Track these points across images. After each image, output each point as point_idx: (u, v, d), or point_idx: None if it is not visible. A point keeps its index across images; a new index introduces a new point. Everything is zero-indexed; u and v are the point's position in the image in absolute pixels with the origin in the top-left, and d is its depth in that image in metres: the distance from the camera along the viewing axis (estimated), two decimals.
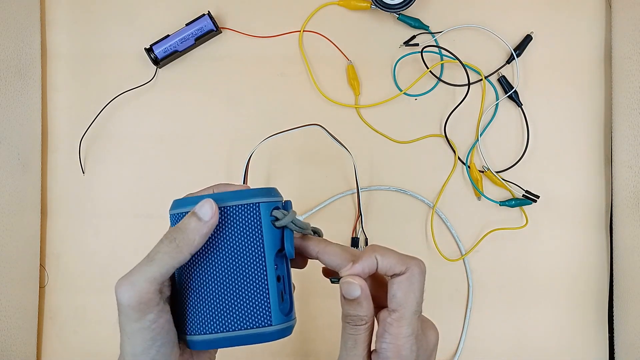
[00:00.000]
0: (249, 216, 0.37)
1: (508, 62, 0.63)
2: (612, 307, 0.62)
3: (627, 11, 0.58)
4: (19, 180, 0.59)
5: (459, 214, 0.63)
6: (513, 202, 0.62)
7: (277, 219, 0.37)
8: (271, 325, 0.36)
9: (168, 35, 0.62)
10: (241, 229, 0.37)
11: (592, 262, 0.63)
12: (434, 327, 0.39)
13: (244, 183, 0.60)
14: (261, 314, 0.36)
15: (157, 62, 0.63)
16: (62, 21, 0.65)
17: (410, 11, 0.62)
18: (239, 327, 0.36)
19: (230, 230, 0.37)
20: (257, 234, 0.37)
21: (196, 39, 0.62)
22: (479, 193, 0.62)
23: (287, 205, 0.39)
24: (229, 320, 0.36)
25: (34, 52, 0.62)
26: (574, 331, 0.63)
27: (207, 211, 0.35)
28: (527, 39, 0.63)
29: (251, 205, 0.37)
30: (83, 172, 0.64)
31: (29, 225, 0.61)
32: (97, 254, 0.64)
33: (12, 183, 0.58)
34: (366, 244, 0.62)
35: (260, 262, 0.36)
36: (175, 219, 0.38)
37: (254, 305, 0.36)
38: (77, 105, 0.65)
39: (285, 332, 0.37)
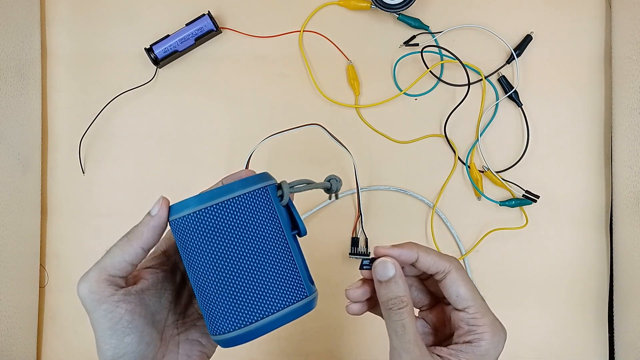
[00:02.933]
0: (262, 201, 0.37)
1: (508, 62, 0.63)
2: (612, 307, 0.62)
3: (627, 11, 0.58)
4: (19, 180, 0.59)
5: (459, 214, 0.63)
6: (513, 202, 0.62)
7: (282, 198, 0.38)
8: (307, 295, 0.37)
9: (168, 35, 0.62)
10: (258, 215, 0.37)
11: (592, 262, 0.63)
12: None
13: None
14: (297, 288, 0.37)
15: (157, 62, 0.63)
16: (62, 21, 0.65)
17: (410, 11, 0.62)
18: (277, 308, 0.36)
19: (247, 218, 0.36)
20: (273, 216, 0.37)
21: (196, 39, 0.62)
22: (479, 193, 0.62)
23: (282, 185, 0.40)
24: (265, 305, 0.36)
25: (34, 52, 0.62)
26: (574, 331, 0.63)
27: (155, 206, 0.37)
28: (527, 39, 0.63)
29: (261, 189, 0.37)
30: (83, 172, 0.64)
31: (29, 225, 0.61)
32: (97, 254, 0.64)
33: (12, 183, 0.58)
34: (366, 244, 0.62)
35: (283, 240, 0.37)
36: (172, 225, 0.37)
37: (288, 283, 0.37)
38: (77, 105, 0.65)
39: (315, 301, 0.38)
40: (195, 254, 0.36)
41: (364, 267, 0.40)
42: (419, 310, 0.43)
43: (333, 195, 0.42)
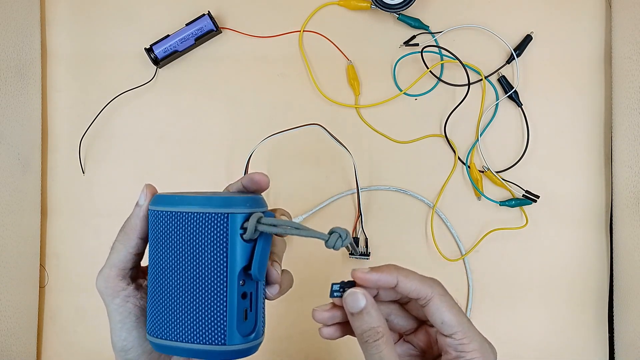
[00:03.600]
0: (214, 227, 0.34)
1: (508, 62, 0.63)
2: (612, 307, 0.62)
3: (627, 11, 0.58)
4: (19, 180, 0.59)
5: (459, 214, 0.63)
6: (513, 202, 0.62)
7: (244, 232, 0.34)
8: (224, 344, 0.34)
9: (168, 35, 0.62)
10: (205, 240, 0.34)
11: (592, 262, 0.63)
12: None
13: None
14: (215, 331, 0.34)
15: (157, 62, 0.63)
16: (62, 21, 0.65)
17: (410, 11, 0.62)
18: (192, 339, 0.34)
19: (194, 239, 0.34)
20: (221, 248, 0.34)
21: (196, 39, 0.62)
22: (479, 193, 0.62)
23: (266, 215, 0.36)
24: (183, 331, 0.35)
25: (34, 52, 0.62)
26: (574, 331, 0.63)
27: (141, 195, 0.38)
28: (527, 39, 0.63)
29: (219, 215, 0.34)
30: (83, 172, 0.64)
31: (29, 225, 0.61)
32: (97, 254, 0.64)
33: (12, 183, 0.58)
34: (366, 244, 0.62)
35: (221, 277, 0.34)
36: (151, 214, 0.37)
37: (209, 322, 0.34)
38: (77, 105, 0.65)
39: (242, 353, 0.35)
40: (150, 248, 0.37)
41: (334, 294, 0.37)
42: (403, 334, 0.42)
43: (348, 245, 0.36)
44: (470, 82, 0.61)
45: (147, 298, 0.37)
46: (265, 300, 0.38)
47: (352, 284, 0.37)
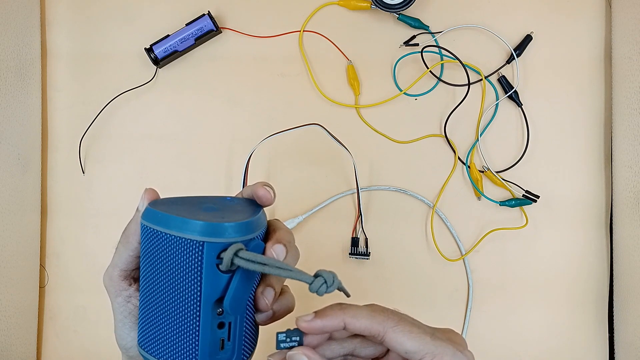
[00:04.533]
0: (189, 254, 0.32)
1: (508, 62, 0.63)
2: (612, 307, 0.62)
3: (627, 11, 0.58)
4: (19, 180, 0.59)
5: (459, 214, 0.63)
6: (513, 202, 0.62)
7: (221, 262, 0.32)
8: None
9: (168, 35, 0.62)
10: (181, 266, 0.32)
11: (592, 262, 0.63)
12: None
13: (243, 182, 0.60)
14: (187, 358, 0.33)
15: (157, 62, 0.63)
16: (62, 21, 0.65)
17: (410, 11, 0.62)
18: (163, 357, 0.34)
19: (171, 262, 0.33)
20: (195, 276, 0.32)
21: (196, 39, 0.62)
22: (479, 193, 0.62)
23: (251, 245, 0.33)
24: (161, 350, 0.34)
25: (34, 52, 0.62)
26: (574, 331, 0.63)
27: (140, 202, 0.38)
28: (527, 39, 0.63)
29: (194, 243, 0.32)
30: (83, 172, 0.64)
31: (29, 225, 0.61)
32: (97, 254, 0.64)
33: (12, 183, 0.58)
34: (366, 244, 0.62)
35: (195, 306, 0.33)
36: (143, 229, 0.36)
37: (182, 348, 0.33)
38: (77, 105, 0.65)
39: None
40: (140, 257, 0.36)
41: (280, 345, 0.35)
42: (377, 359, 0.40)
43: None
44: (470, 82, 0.61)
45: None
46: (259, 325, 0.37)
47: (297, 332, 0.36)
